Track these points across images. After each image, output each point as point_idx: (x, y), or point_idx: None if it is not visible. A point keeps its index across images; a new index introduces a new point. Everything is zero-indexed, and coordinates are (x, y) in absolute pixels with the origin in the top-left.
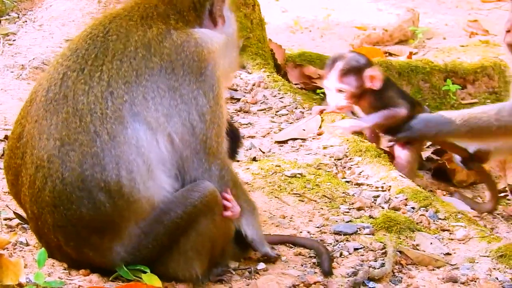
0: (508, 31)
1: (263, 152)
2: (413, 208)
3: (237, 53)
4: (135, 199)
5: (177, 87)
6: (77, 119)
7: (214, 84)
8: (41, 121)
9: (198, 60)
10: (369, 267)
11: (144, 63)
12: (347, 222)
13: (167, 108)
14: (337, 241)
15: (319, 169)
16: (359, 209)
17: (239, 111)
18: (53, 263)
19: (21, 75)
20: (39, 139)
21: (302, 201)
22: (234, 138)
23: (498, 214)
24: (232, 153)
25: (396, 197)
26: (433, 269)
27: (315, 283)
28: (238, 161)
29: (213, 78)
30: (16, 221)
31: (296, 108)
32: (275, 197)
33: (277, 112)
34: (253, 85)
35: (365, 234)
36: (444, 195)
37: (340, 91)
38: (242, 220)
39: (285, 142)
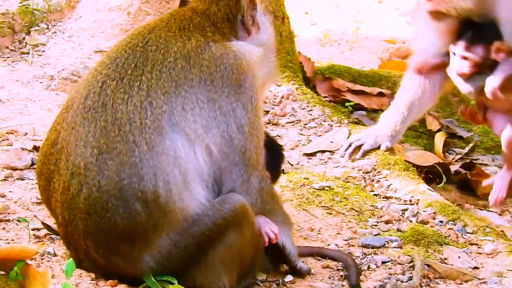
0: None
1: (292, 165)
2: (441, 221)
3: (274, 59)
4: (170, 209)
5: (216, 99)
6: (116, 128)
7: (253, 96)
8: (78, 128)
9: (237, 73)
10: (397, 280)
11: (183, 74)
12: (375, 235)
13: (206, 120)
14: (364, 254)
15: (348, 182)
16: (387, 222)
17: (267, 123)
18: (81, 273)
19: (50, 86)
20: (75, 146)
21: (330, 214)
22: (276, 154)
23: None
24: (275, 170)
25: (424, 211)
26: (461, 283)
27: None
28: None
29: (252, 90)
30: (44, 231)
31: (324, 121)
32: (303, 209)
33: (305, 124)
34: (282, 97)
35: (393, 248)
36: (473, 208)
37: (465, 58)
38: (280, 232)
39: (313, 154)
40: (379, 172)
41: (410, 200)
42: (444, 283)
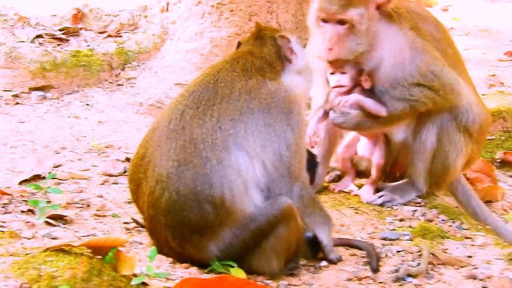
0: (330, 49)
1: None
2: (443, 220)
3: (312, 78)
4: (233, 210)
5: (271, 124)
6: (192, 146)
7: (300, 121)
8: (163, 146)
9: (288, 103)
10: (408, 265)
11: (246, 105)
12: (392, 230)
13: (263, 140)
14: (383, 245)
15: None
16: (401, 220)
17: None
18: (161, 258)
19: (139, 110)
20: (160, 160)
21: (357, 213)
22: (313, 163)
23: None
24: (312, 175)
25: (430, 211)
26: (458, 268)
27: (365, 277)
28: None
29: (299, 116)
30: (133, 225)
31: None
32: (336, 209)
33: None
34: None
35: (405, 240)
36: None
37: (343, 72)
38: (318, 229)
39: None
40: None
41: (419, 203)
42: (445, 268)
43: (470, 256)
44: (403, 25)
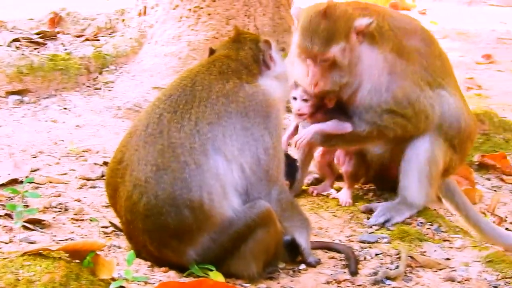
0: (315, 85)
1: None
2: (421, 223)
3: (290, 83)
4: (212, 214)
5: (249, 127)
6: (171, 150)
7: (277, 124)
8: (141, 150)
9: (266, 106)
10: (387, 268)
11: (223, 108)
12: (370, 233)
13: (241, 144)
14: (362, 248)
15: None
16: None
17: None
18: (140, 262)
19: (117, 114)
20: (138, 164)
21: (336, 216)
22: (293, 168)
23: None
24: (292, 179)
25: None
26: (436, 271)
27: (344, 280)
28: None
29: (277, 119)
30: (111, 229)
31: None
32: (314, 212)
33: None
34: None
35: (384, 243)
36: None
37: (305, 100)
38: (296, 233)
39: None
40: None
41: None
42: (423, 271)
43: (448, 259)
44: (385, 47)
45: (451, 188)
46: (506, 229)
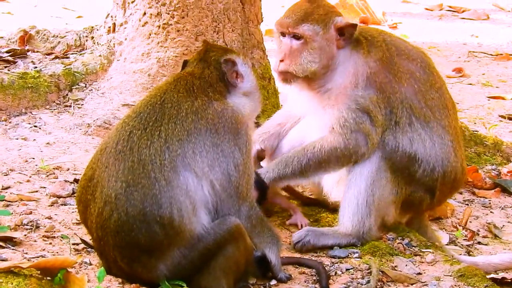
0: (281, 61)
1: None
2: (392, 237)
3: (258, 97)
4: (182, 230)
5: (219, 144)
6: (141, 167)
7: (247, 141)
8: (111, 167)
9: (236, 123)
10: (358, 283)
11: (193, 125)
12: (341, 248)
13: (211, 160)
14: (333, 263)
15: (320, 207)
16: None
17: None
18: (110, 279)
19: (87, 131)
20: (108, 181)
21: None
22: (263, 185)
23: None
24: (262, 195)
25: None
26: (408, 285)
27: None
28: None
29: (246, 136)
30: (82, 246)
31: None
32: (285, 228)
33: None
34: None
35: (355, 258)
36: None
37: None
38: (266, 249)
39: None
40: None
41: None
42: (395, 286)
43: (419, 273)
44: (371, 55)
45: (422, 226)
46: (479, 243)
